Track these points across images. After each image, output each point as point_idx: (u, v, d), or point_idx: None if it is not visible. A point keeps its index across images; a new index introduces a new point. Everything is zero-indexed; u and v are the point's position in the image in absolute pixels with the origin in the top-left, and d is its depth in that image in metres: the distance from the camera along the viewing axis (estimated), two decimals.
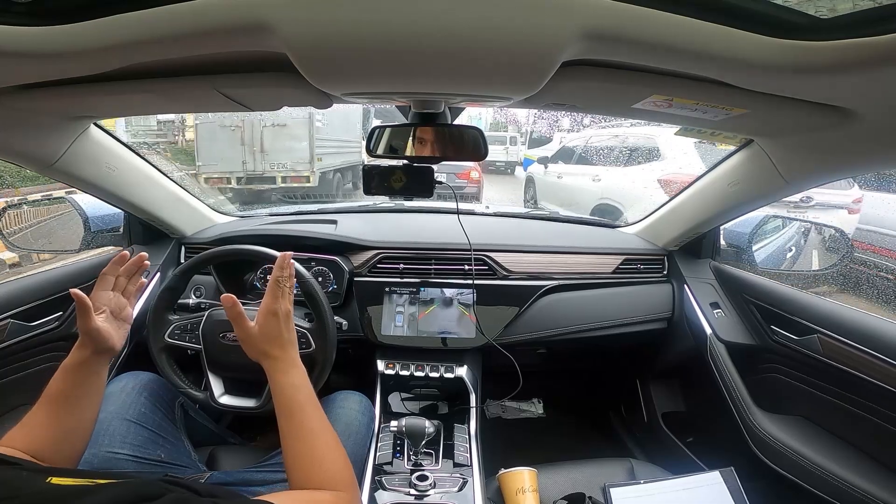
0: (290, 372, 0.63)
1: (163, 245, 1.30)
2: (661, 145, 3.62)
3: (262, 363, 0.65)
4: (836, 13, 0.39)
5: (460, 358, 1.19)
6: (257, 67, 0.61)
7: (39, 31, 0.43)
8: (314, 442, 0.58)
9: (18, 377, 1.00)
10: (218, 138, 5.90)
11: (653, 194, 3.39)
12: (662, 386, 1.48)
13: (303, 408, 0.61)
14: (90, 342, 0.63)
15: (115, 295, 0.69)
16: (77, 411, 0.62)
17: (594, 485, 0.93)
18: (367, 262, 1.23)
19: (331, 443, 0.60)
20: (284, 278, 0.67)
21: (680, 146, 3.48)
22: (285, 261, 0.67)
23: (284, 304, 0.66)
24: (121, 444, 0.80)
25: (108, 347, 0.65)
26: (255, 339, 0.65)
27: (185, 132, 8.19)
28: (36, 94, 0.64)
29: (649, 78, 0.56)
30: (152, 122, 7.33)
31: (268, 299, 0.65)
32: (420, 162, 0.92)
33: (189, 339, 0.93)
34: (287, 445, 0.59)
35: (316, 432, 0.59)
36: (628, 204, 3.73)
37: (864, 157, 0.69)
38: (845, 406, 0.94)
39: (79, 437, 0.63)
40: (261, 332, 0.65)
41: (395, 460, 1.00)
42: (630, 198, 3.69)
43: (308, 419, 0.60)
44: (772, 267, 1.28)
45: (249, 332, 0.65)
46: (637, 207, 3.50)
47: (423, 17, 0.40)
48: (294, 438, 0.58)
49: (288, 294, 0.67)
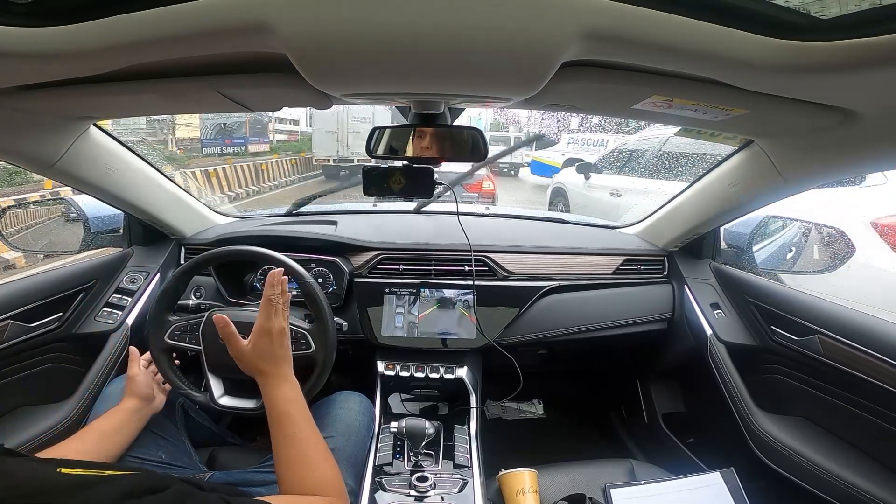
0: (282, 387, 0.66)
1: (163, 246, 1.30)
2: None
3: (255, 378, 0.68)
4: (836, 13, 0.39)
5: (460, 359, 1.19)
6: (257, 68, 0.61)
7: (39, 32, 0.43)
8: (306, 450, 0.61)
9: (18, 378, 1.00)
10: (324, 137, 10.65)
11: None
12: (663, 386, 1.48)
13: (294, 419, 0.63)
14: (133, 389, 0.81)
15: (150, 369, 0.88)
16: (107, 445, 0.73)
17: (594, 485, 0.93)
18: (366, 262, 1.22)
19: (322, 452, 0.63)
20: (277, 296, 0.68)
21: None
22: (275, 279, 0.69)
23: (278, 321, 0.68)
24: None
25: (149, 397, 0.82)
26: (247, 356, 0.68)
27: (175, 131, 10.24)
28: (36, 94, 0.64)
29: (649, 78, 0.56)
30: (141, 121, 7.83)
31: (261, 318, 0.68)
32: (420, 163, 0.92)
33: (189, 340, 0.93)
34: (279, 454, 0.61)
35: (308, 441, 0.62)
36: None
37: (864, 157, 0.69)
38: (845, 406, 0.94)
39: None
40: (253, 350, 0.67)
41: (396, 461, 1.00)
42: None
43: (300, 429, 0.62)
44: (772, 268, 1.28)
45: (242, 350, 0.68)
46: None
47: (423, 18, 0.40)
48: (287, 447, 0.61)
49: (281, 311, 0.69)
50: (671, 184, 2.88)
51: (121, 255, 1.24)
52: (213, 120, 10.69)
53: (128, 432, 0.78)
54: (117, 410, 0.79)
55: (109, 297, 1.16)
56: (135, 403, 0.80)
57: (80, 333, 1.09)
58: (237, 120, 11.04)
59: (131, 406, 0.80)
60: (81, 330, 1.10)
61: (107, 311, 1.14)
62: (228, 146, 11.17)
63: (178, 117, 9.66)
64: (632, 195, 3.17)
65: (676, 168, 3.05)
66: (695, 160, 2.99)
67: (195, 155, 10.60)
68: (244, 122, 11.30)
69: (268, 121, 12.44)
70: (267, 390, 0.66)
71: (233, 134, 11.28)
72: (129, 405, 0.80)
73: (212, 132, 11.00)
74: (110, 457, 0.74)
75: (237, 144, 11.39)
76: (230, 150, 11.11)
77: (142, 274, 1.22)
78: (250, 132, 11.70)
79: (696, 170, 2.79)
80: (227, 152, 10.96)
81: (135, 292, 1.18)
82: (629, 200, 3.11)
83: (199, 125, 10.80)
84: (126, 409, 0.80)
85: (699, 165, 2.95)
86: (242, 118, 10.89)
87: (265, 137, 12.48)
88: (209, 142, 10.98)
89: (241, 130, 11.44)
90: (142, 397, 0.81)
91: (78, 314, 1.10)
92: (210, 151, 10.84)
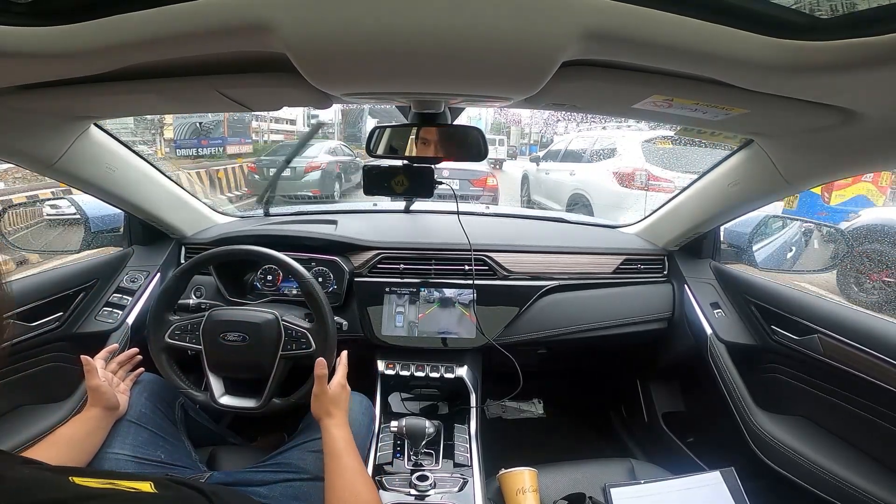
0: (343, 428, 0.79)
1: (163, 245, 1.30)
2: (617, 146, 4.34)
3: (321, 418, 0.80)
4: (836, 13, 0.39)
5: (460, 358, 1.19)
6: (257, 68, 0.61)
7: (39, 32, 0.43)
8: (354, 480, 0.72)
9: (18, 377, 1.00)
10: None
11: (609, 184, 4.16)
12: (663, 386, 1.48)
13: (347, 454, 0.75)
14: (97, 399, 0.80)
15: (106, 374, 0.85)
16: (75, 453, 0.75)
17: (594, 485, 0.93)
18: (367, 262, 1.23)
19: (366, 481, 0.73)
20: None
21: (630, 146, 4.18)
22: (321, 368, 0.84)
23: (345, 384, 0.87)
24: (121, 445, 0.81)
25: (113, 406, 0.82)
26: (326, 399, 0.81)
27: (163, 131, 9.28)
28: (36, 94, 0.64)
29: (649, 78, 0.56)
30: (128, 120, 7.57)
31: (339, 377, 0.85)
32: (420, 162, 0.92)
33: (189, 340, 0.93)
34: (331, 482, 0.72)
35: (355, 471, 0.73)
36: (592, 192, 4.52)
37: (864, 156, 0.69)
38: (845, 406, 0.94)
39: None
40: (333, 397, 0.82)
41: (396, 460, 1.00)
42: (593, 187, 4.51)
43: (350, 463, 0.74)
44: (771, 267, 1.28)
45: (325, 392, 0.81)
46: (597, 194, 4.42)
47: (423, 18, 0.40)
48: (338, 477, 0.72)
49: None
50: (571, 165, 5.01)
51: (121, 255, 1.24)
52: (188, 119, 9.37)
53: (97, 440, 0.79)
54: (85, 420, 0.79)
55: (110, 296, 1.16)
56: (99, 413, 0.80)
57: (80, 333, 1.09)
58: (214, 119, 9.82)
59: (96, 415, 0.80)
60: (82, 329, 1.10)
61: (107, 310, 1.14)
62: (205, 147, 9.95)
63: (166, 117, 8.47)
64: (554, 173, 5.56)
65: (575, 157, 5.19)
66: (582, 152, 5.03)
67: (170, 157, 9.37)
68: (221, 121, 10.00)
69: (250, 120, 11.09)
70: (330, 430, 0.78)
71: (209, 134, 10.03)
72: (93, 414, 0.80)
73: (186, 132, 9.67)
74: (81, 464, 0.76)
75: (214, 145, 10.12)
76: (206, 152, 9.88)
77: (142, 273, 1.22)
78: (229, 132, 10.39)
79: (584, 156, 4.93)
80: (203, 154, 9.78)
81: (135, 292, 1.18)
82: (553, 176, 5.60)
83: (174, 124, 9.46)
84: (92, 417, 0.79)
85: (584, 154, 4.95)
86: (220, 117, 9.59)
87: (246, 137, 11.18)
88: (184, 142, 9.72)
89: (218, 130, 10.18)
90: (106, 407, 0.81)
91: (78, 314, 1.10)
92: (186, 153, 9.63)
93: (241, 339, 0.90)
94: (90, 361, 0.82)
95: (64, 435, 0.76)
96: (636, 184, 3.78)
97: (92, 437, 0.79)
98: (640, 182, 3.77)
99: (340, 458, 0.74)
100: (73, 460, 0.74)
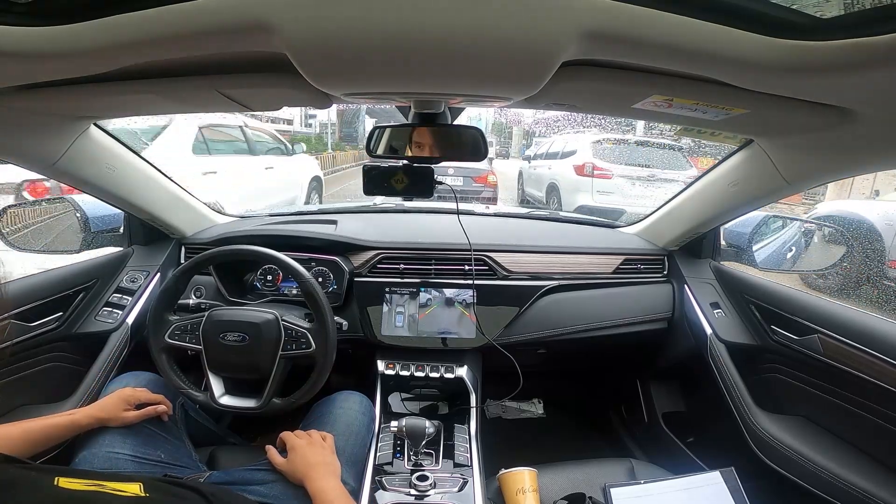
0: (324, 478, 0.75)
1: (163, 245, 1.30)
2: (577, 148, 5.64)
3: (304, 483, 0.75)
4: (836, 13, 0.39)
5: (460, 358, 1.19)
6: (258, 68, 0.61)
7: (39, 31, 0.43)
8: None
9: (19, 377, 1.00)
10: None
11: (570, 175, 5.47)
12: (663, 386, 1.48)
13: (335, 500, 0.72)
14: (107, 419, 0.81)
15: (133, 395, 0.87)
16: (27, 447, 0.74)
17: (594, 485, 0.93)
18: (367, 262, 1.23)
19: None
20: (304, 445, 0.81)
21: (584, 146, 5.51)
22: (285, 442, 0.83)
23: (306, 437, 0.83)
24: (121, 444, 0.81)
25: (107, 421, 0.82)
26: (296, 467, 0.77)
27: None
28: (36, 94, 0.64)
29: (649, 78, 0.56)
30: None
31: (297, 442, 0.81)
32: (420, 162, 0.92)
33: (189, 340, 0.93)
34: None
35: None
36: (561, 181, 5.75)
37: (864, 157, 0.69)
38: (845, 406, 0.94)
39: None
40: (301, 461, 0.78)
41: (396, 460, 1.00)
42: (561, 177, 5.77)
43: None
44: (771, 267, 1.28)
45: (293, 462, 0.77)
46: (563, 182, 5.65)
47: (423, 18, 0.40)
48: None
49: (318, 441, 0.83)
50: (550, 161, 6.24)
51: (121, 255, 1.24)
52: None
53: (53, 444, 0.78)
54: (68, 426, 0.78)
55: (110, 296, 1.16)
56: (90, 421, 0.80)
57: (80, 333, 1.09)
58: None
59: (83, 423, 0.80)
60: (82, 329, 1.10)
61: (107, 310, 1.14)
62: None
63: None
64: (539, 168, 6.77)
65: (552, 155, 6.31)
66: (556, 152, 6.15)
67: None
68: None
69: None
70: (316, 484, 0.74)
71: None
72: (82, 421, 0.79)
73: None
74: (25, 456, 0.73)
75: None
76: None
77: (142, 273, 1.22)
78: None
79: (557, 155, 6.07)
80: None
81: (135, 292, 1.18)
82: (538, 171, 6.81)
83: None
84: (75, 422, 0.79)
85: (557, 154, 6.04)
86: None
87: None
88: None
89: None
90: (103, 417, 0.81)
91: (78, 314, 1.10)
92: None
93: (241, 339, 0.90)
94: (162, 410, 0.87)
95: (24, 427, 0.75)
96: (586, 173, 5.26)
97: (51, 441, 0.77)
98: (588, 171, 5.24)
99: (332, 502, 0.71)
100: (21, 452, 0.72)
